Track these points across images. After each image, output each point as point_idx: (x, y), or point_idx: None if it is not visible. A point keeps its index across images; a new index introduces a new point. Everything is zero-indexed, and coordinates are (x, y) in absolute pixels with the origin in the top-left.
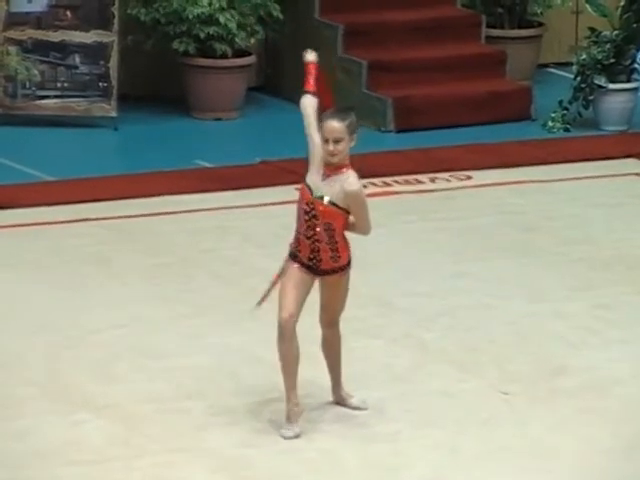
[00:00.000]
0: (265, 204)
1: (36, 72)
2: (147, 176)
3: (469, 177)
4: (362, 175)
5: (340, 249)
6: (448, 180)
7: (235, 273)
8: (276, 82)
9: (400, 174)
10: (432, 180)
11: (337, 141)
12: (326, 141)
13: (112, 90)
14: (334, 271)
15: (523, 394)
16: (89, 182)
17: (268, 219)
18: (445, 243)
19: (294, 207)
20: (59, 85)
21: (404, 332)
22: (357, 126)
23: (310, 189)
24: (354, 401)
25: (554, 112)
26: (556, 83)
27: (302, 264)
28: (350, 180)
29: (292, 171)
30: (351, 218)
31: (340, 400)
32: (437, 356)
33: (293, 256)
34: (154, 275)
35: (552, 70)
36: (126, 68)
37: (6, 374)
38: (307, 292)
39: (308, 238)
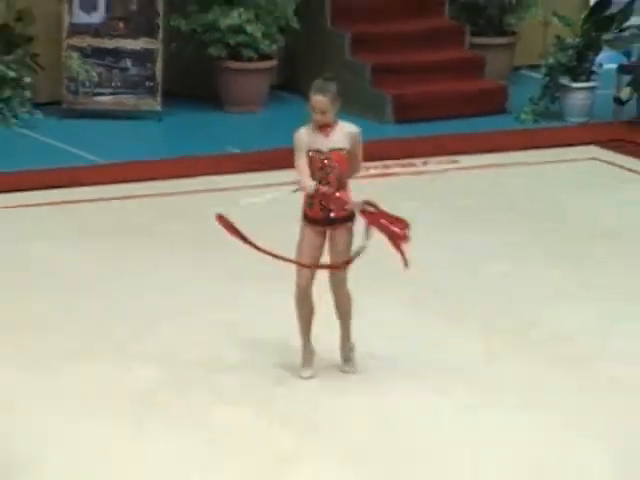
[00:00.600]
0: (285, 183)
1: (94, 73)
2: (186, 160)
3: (455, 161)
4: (365, 159)
5: (346, 194)
6: (438, 163)
7: (262, 242)
8: (294, 81)
9: (397, 158)
10: (424, 163)
11: (323, 112)
12: (314, 110)
13: (157, 88)
14: (345, 219)
15: (504, 344)
16: (137, 165)
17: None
18: (436, 216)
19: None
20: (113, 84)
21: (394, 291)
22: (339, 93)
23: (319, 151)
24: (347, 367)
25: (526, 107)
26: (528, 82)
27: (315, 221)
28: (348, 125)
29: None
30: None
31: (342, 358)
32: (425, 313)
33: (305, 217)
34: (191, 243)
35: (524, 72)
36: (169, 70)
37: (57, 329)
38: (321, 254)
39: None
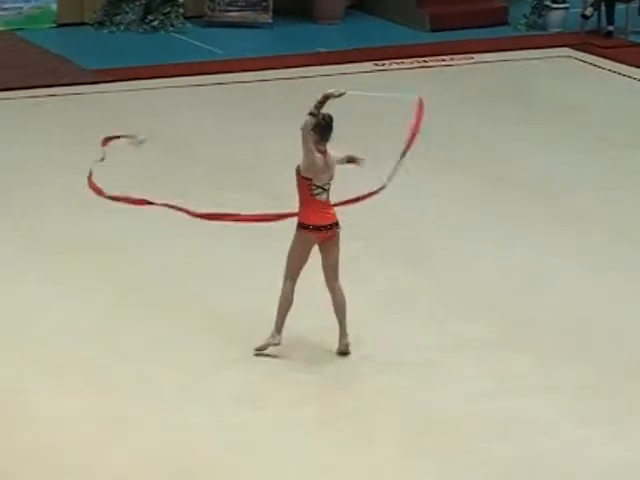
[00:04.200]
0: (357, 72)
1: None
2: (289, 56)
3: (472, 57)
4: (410, 57)
5: (300, 209)
6: (459, 60)
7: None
8: (364, 3)
9: (432, 55)
10: (451, 59)
11: None
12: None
13: (269, 7)
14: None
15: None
16: (255, 60)
17: (355, 79)
18: (455, 91)
19: (367, 76)
20: (239, 3)
21: None
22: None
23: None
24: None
25: (521, 20)
26: (522, 3)
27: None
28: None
29: (370, 54)
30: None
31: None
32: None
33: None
34: (285, 109)
35: None
36: None
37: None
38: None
39: None
